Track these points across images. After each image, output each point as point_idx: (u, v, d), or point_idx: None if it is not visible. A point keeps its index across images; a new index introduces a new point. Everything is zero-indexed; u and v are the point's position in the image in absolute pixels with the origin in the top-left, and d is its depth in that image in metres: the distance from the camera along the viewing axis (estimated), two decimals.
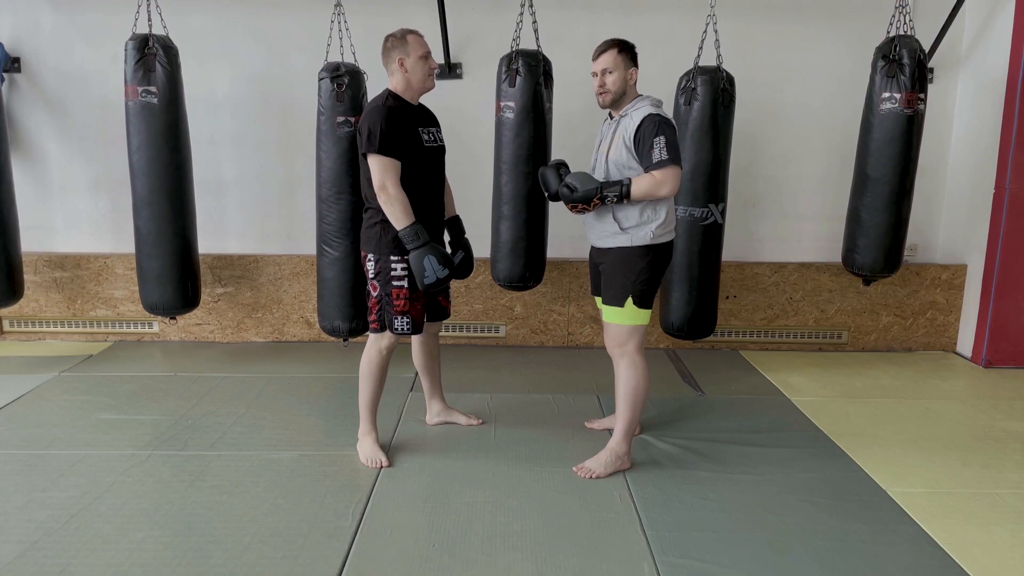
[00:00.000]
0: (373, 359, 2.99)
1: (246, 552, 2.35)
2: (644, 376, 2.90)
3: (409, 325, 2.91)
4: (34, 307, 4.59)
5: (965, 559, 2.37)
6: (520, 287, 3.99)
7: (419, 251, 2.74)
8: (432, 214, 2.96)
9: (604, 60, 2.84)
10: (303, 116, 4.26)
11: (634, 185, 2.75)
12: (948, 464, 3.06)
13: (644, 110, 2.80)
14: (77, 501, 2.65)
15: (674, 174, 2.73)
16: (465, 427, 3.35)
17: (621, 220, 2.84)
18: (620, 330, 2.89)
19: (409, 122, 2.83)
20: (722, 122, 3.74)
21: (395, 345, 2.99)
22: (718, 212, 3.81)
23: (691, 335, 3.99)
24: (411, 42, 2.85)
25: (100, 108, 4.43)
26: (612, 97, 2.86)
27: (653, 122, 2.75)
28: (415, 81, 2.86)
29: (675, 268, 3.86)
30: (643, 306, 2.87)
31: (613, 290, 2.89)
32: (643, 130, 2.76)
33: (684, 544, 2.43)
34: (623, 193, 2.75)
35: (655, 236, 2.83)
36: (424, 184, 2.89)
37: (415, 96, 2.92)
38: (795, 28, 4.46)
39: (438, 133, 2.99)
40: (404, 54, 2.83)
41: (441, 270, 2.75)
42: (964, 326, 4.58)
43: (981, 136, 4.37)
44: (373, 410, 3.06)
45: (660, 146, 2.72)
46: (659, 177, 2.72)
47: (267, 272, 4.58)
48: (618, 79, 2.83)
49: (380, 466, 2.94)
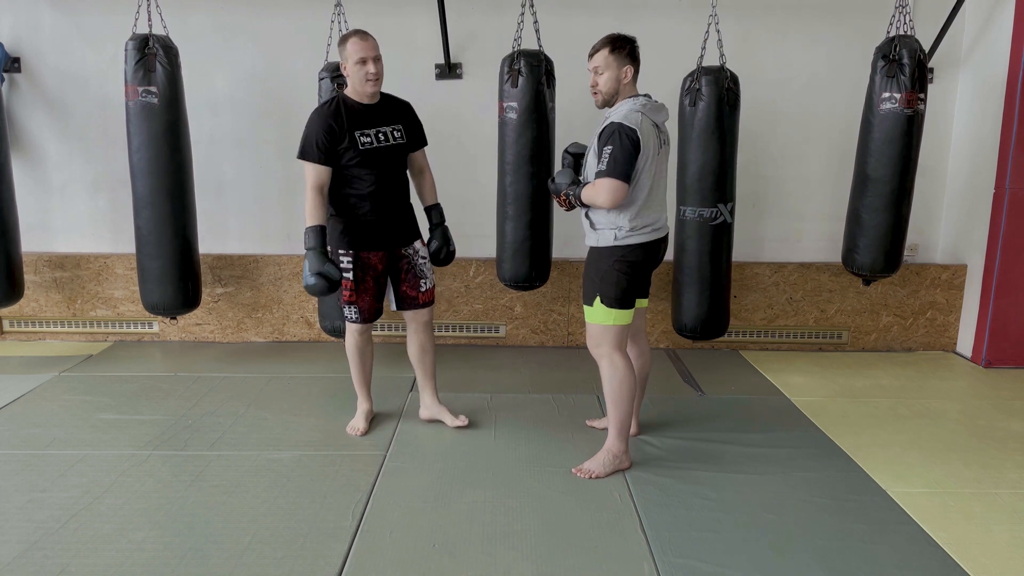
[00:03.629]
0: (350, 342, 3.23)
1: (246, 552, 2.36)
2: (624, 374, 2.87)
3: (357, 315, 3.13)
4: (34, 307, 4.59)
5: (965, 559, 2.37)
6: (526, 287, 4.00)
7: (306, 253, 2.91)
8: (387, 210, 3.07)
9: (596, 59, 2.80)
10: (303, 116, 4.22)
11: (583, 191, 2.79)
12: (948, 464, 3.06)
13: (616, 116, 2.75)
14: (77, 501, 2.65)
15: (609, 186, 2.67)
16: (462, 428, 3.34)
17: (594, 221, 2.86)
18: (593, 329, 2.90)
19: (344, 127, 2.92)
20: (728, 122, 3.72)
21: (367, 330, 3.21)
22: (727, 212, 3.80)
23: (704, 335, 3.97)
24: (348, 47, 2.91)
25: (100, 108, 4.43)
26: (603, 98, 2.82)
27: (611, 130, 2.70)
28: (355, 84, 2.94)
29: (685, 269, 3.86)
30: (613, 306, 2.84)
31: (584, 289, 2.92)
32: (601, 137, 2.74)
33: (684, 544, 2.43)
34: (576, 196, 2.81)
35: (618, 238, 2.80)
36: (367, 184, 2.99)
37: (363, 98, 2.98)
38: (795, 28, 4.46)
39: (392, 130, 3.04)
40: (343, 59, 2.92)
41: (308, 276, 2.88)
42: (964, 326, 4.58)
43: (981, 136, 4.37)
44: (361, 384, 3.31)
45: (606, 157, 2.69)
46: (596, 187, 2.72)
47: (267, 272, 4.58)
48: (609, 79, 2.79)
49: (356, 432, 3.22)
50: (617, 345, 2.88)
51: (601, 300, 2.84)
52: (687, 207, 3.79)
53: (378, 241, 3.09)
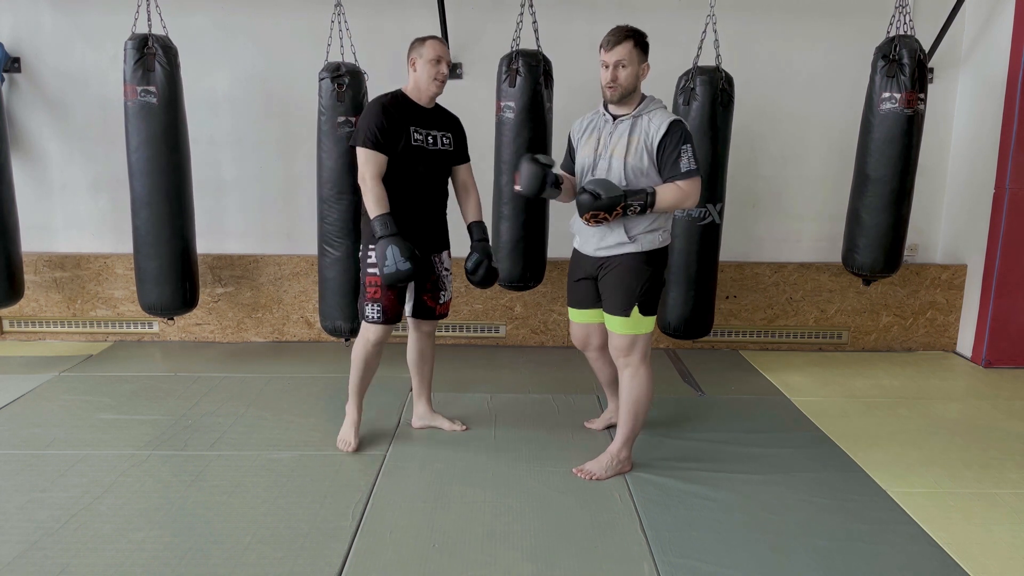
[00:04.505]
0: (360, 349, 3.08)
1: (246, 552, 2.35)
2: (647, 387, 2.84)
3: (380, 314, 2.99)
4: (34, 307, 4.59)
5: (965, 559, 2.37)
6: (520, 287, 3.99)
7: (384, 240, 2.82)
8: (424, 213, 3.03)
9: (619, 51, 2.65)
10: (303, 116, 4.26)
11: (659, 195, 2.64)
12: (948, 464, 3.06)
13: (666, 115, 2.71)
14: (77, 501, 2.64)
15: (699, 186, 2.70)
16: (461, 429, 3.33)
17: (629, 228, 2.74)
18: (623, 340, 2.81)
19: (401, 120, 2.91)
20: (721, 122, 3.74)
21: (382, 337, 3.03)
22: (716, 212, 3.81)
23: (688, 335, 3.99)
24: (427, 45, 2.94)
25: (100, 108, 4.43)
26: (623, 93, 2.70)
27: (680, 129, 2.66)
28: (421, 82, 2.95)
29: (673, 268, 3.86)
30: (648, 313, 2.80)
31: (618, 299, 2.78)
32: (670, 136, 2.65)
33: (684, 544, 2.43)
34: (648, 203, 2.63)
35: (662, 241, 2.79)
36: (411, 182, 2.96)
37: (424, 98, 2.99)
38: (795, 28, 4.46)
39: (442, 136, 3.03)
40: (418, 55, 2.95)
41: (403, 262, 2.79)
42: (964, 326, 4.58)
43: (981, 136, 4.37)
44: (358, 392, 3.15)
45: (688, 155, 2.64)
46: (687, 188, 2.65)
47: (267, 272, 4.58)
48: (631, 74, 2.68)
49: (347, 448, 3.07)
50: (646, 354, 2.84)
51: (640, 309, 2.77)
52: None
53: (412, 241, 2.97)
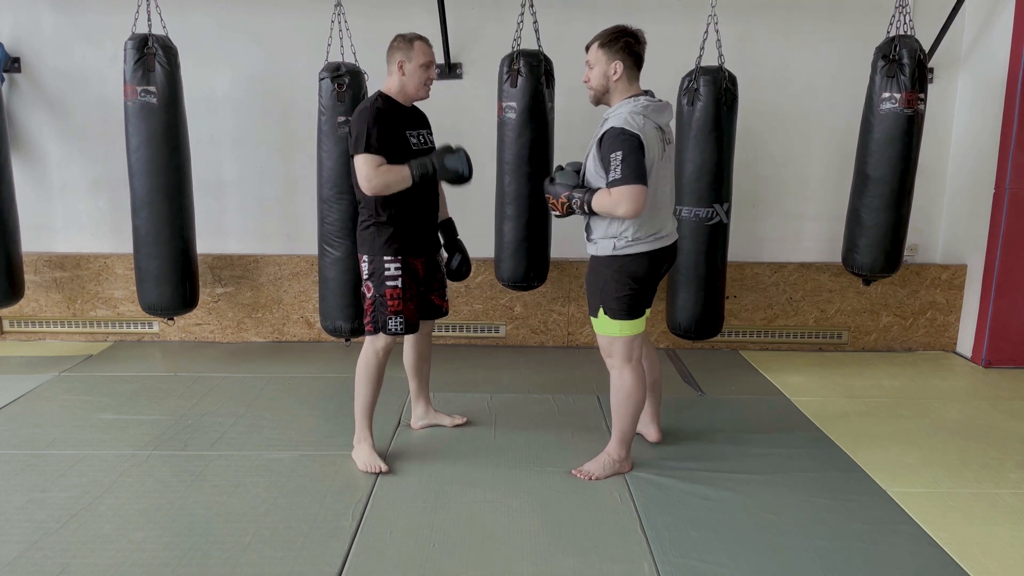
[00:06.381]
0: (370, 361, 2.97)
1: (246, 552, 2.36)
2: (632, 386, 2.82)
3: (403, 325, 2.92)
4: (34, 307, 4.59)
5: (965, 559, 2.37)
6: (524, 287, 4.00)
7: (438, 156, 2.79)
8: (424, 215, 2.99)
9: (588, 53, 2.73)
10: (303, 116, 4.26)
11: (595, 200, 2.61)
12: (948, 464, 3.06)
13: (616, 120, 2.61)
14: (77, 501, 2.64)
15: (630, 193, 2.51)
16: (462, 427, 3.34)
17: (592, 229, 2.77)
18: (602, 340, 2.85)
19: (397, 124, 2.85)
20: (725, 122, 3.73)
21: (391, 346, 2.98)
22: (723, 212, 3.80)
23: (698, 335, 3.98)
24: (416, 48, 2.86)
25: (100, 108, 4.43)
26: (595, 94, 2.74)
27: (613, 135, 2.57)
28: (410, 87, 2.88)
29: (681, 269, 3.86)
30: (618, 317, 2.76)
31: (588, 299, 2.86)
32: (604, 143, 2.61)
33: (684, 544, 2.43)
34: (585, 202, 2.64)
35: (617, 248, 2.70)
36: (414, 186, 2.88)
37: (407, 100, 2.93)
38: (795, 28, 4.46)
39: (428, 136, 3.01)
40: (406, 58, 2.85)
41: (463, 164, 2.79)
42: (964, 326, 4.58)
43: (981, 136, 4.37)
44: (369, 415, 3.01)
45: (616, 163, 2.52)
46: (616, 196, 2.54)
47: (267, 272, 4.58)
48: (598, 74, 2.69)
49: (379, 471, 2.90)
50: (627, 356, 2.80)
51: (604, 311, 2.77)
52: (683, 207, 3.78)
53: (422, 247, 2.98)
